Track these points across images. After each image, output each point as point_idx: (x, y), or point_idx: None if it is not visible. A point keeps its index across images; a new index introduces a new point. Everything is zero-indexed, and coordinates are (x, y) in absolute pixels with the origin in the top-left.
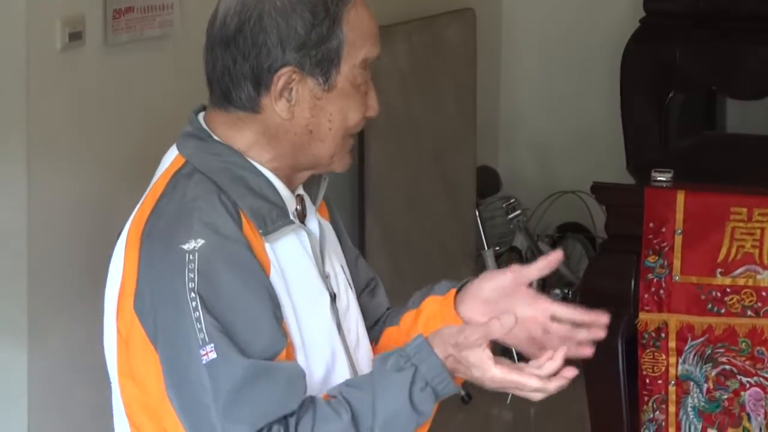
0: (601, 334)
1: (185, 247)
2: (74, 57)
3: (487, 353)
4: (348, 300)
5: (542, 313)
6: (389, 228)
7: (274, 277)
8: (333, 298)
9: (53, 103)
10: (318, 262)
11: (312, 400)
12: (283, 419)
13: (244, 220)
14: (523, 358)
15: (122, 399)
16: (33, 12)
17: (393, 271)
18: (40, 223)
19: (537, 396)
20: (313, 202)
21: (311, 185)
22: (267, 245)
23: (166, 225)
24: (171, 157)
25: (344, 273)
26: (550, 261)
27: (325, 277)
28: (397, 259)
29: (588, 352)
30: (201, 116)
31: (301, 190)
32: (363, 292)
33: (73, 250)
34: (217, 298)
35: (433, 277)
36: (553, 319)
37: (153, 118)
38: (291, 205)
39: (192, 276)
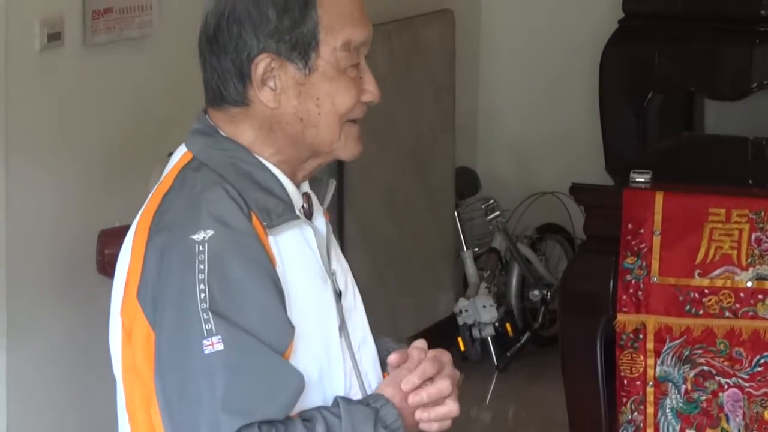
0: None
1: (195, 237)
2: (53, 58)
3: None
4: (354, 298)
5: None
6: (368, 229)
7: (279, 271)
8: (339, 295)
9: (32, 104)
10: (324, 259)
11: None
12: (273, 424)
13: (250, 211)
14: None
15: (125, 394)
16: (12, 12)
17: (372, 272)
18: (19, 223)
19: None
20: (321, 202)
21: (318, 187)
22: (271, 238)
23: (175, 217)
24: (179, 153)
25: (350, 272)
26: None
27: (331, 274)
28: (376, 260)
29: None
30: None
31: (307, 188)
32: None
33: (52, 251)
34: (227, 290)
35: (411, 278)
36: None
37: (132, 119)
38: (297, 201)
39: (202, 267)
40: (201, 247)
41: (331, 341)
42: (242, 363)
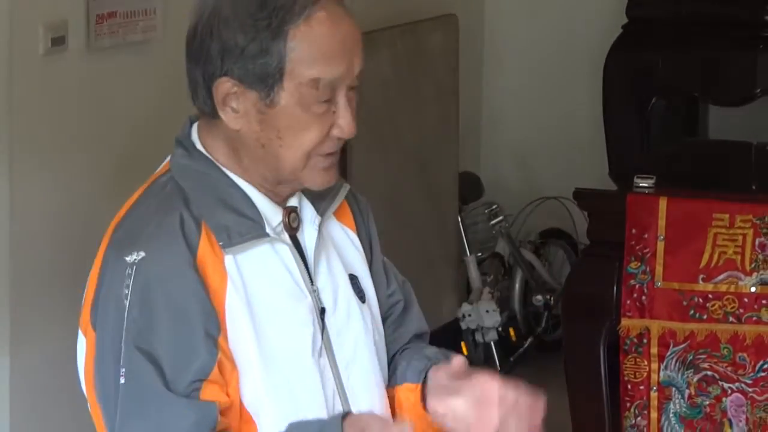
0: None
1: (128, 259)
2: (57, 62)
3: None
4: (348, 314)
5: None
6: None
7: (231, 292)
8: (322, 312)
9: (36, 108)
10: (303, 276)
11: None
12: None
13: (203, 233)
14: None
15: (91, 410)
16: (16, 16)
17: None
18: (22, 228)
19: None
20: (326, 208)
21: (325, 193)
22: (228, 258)
23: (123, 234)
24: (165, 161)
25: (357, 284)
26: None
27: (312, 291)
28: None
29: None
30: (195, 125)
31: (294, 202)
32: (385, 321)
33: (56, 256)
34: (142, 319)
35: (414, 283)
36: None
37: (135, 123)
38: (274, 217)
39: (127, 292)
40: (130, 270)
41: (304, 361)
42: (137, 396)
